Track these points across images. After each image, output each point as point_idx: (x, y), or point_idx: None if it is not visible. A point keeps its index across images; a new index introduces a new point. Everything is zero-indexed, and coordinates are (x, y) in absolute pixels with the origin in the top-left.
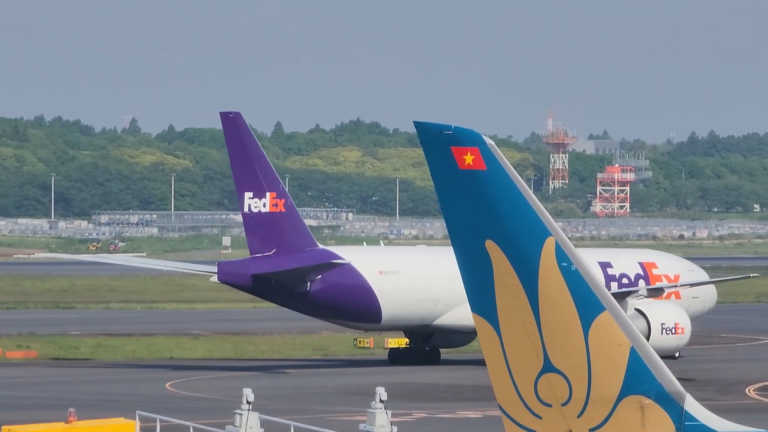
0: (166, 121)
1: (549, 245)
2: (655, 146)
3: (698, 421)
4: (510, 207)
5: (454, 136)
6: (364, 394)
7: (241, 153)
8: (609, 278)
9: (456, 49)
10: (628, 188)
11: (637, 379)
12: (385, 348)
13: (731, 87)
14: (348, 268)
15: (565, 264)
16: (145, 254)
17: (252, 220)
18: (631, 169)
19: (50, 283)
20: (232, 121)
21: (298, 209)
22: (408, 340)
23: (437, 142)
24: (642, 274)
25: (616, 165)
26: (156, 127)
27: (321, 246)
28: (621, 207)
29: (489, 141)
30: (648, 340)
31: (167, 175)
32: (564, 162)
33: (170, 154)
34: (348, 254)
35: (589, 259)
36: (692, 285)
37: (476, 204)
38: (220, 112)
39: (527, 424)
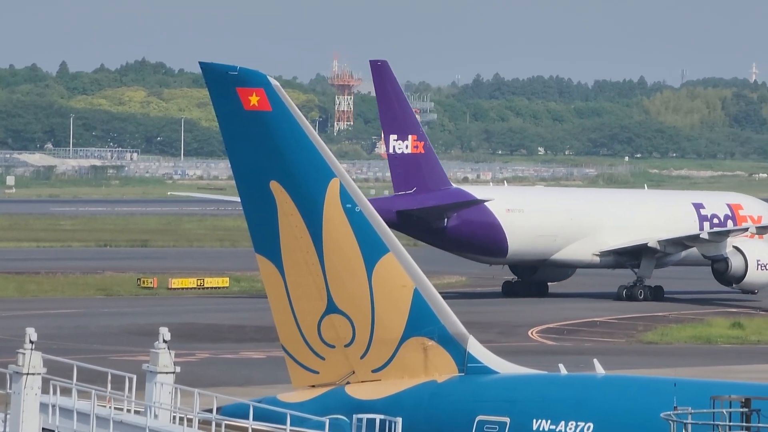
0: None
1: (333, 186)
2: (440, 88)
3: (480, 363)
4: (295, 148)
5: (240, 77)
6: (147, 334)
7: (387, 98)
8: (702, 218)
9: None
10: None
11: (421, 321)
12: (168, 288)
13: (516, 30)
14: (481, 207)
15: (350, 205)
16: None
17: (396, 161)
18: (416, 111)
19: None
20: (380, 69)
21: (81, 149)
22: None
23: (222, 82)
24: (730, 214)
25: None
26: None
27: (454, 185)
28: None
29: (274, 82)
30: (745, 275)
31: None
32: (349, 104)
33: None
34: (477, 192)
35: (683, 200)
36: None
37: (261, 145)
38: (370, 60)
39: (310, 365)
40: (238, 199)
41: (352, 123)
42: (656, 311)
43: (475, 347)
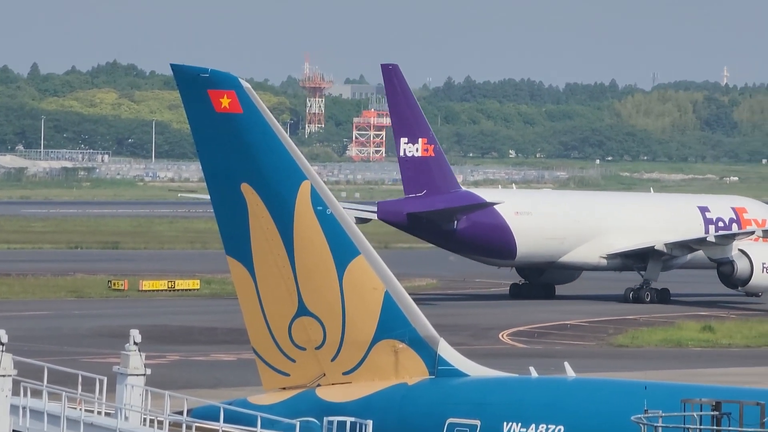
0: None
1: (304, 189)
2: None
3: (451, 366)
4: (266, 150)
5: (211, 79)
6: (118, 336)
7: (398, 101)
8: (707, 221)
9: None
10: (384, 133)
11: (391, 324)
12: (139, 290)
13: (488, 33)
14: (490, 209)
15: (321, 208)
16: None
17: (407, 163)
18: (387, 114)
19: None
20: (391, 72)
21: (52, 151)
22: None
23: (194, 84)
24: (735, 218)
25: (372, 109)
26: None
27: (464, 188)
28: (377, 152)
29: (245, 84)
30: (751, 278)
31: None
32: (320, 106)
33: None
34: (486, 195)
35: (689, 203)
36: None
37: (232, 147)
38: (381, 64)
39: (281, 368)
40: None
41: (323, 125)
42: (628, 314)
43: (445, 350)
